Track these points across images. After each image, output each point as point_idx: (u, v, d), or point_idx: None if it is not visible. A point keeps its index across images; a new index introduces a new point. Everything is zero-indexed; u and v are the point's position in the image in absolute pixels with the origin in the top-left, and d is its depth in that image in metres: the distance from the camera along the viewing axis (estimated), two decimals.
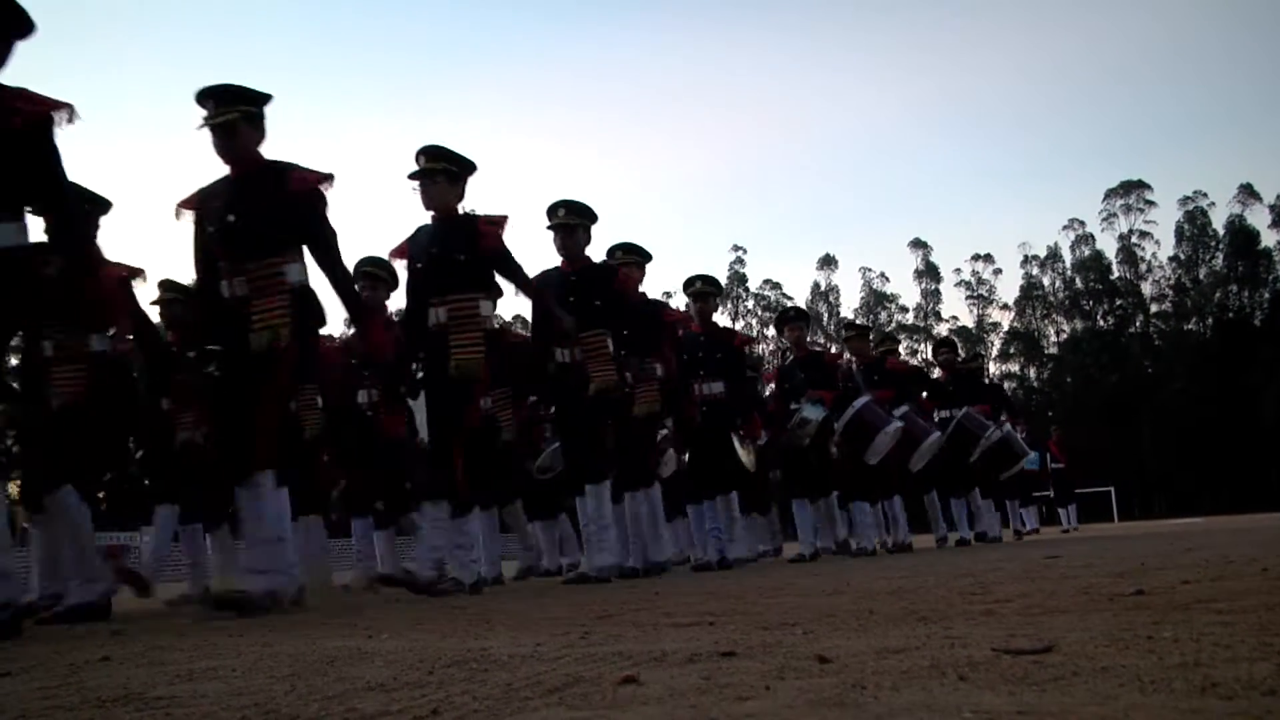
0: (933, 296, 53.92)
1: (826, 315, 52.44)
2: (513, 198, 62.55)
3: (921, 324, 53.58)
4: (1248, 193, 48.00)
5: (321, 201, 3.59)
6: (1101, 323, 49.59)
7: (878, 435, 7.09)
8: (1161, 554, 3.98)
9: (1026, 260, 52.70)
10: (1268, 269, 46.85)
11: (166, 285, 5.40)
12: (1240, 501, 33.62)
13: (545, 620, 2.41)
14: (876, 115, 69.56)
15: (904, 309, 54.18)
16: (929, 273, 53.85)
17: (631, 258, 5.70)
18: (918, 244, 54.02)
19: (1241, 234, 47.45)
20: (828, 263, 54.29)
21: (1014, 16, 67.77)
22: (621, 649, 1.63)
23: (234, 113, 3.54)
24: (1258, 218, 47.75)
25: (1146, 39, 65.15)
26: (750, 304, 53.17)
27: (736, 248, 53.71)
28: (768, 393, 8.21)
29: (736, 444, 5.87)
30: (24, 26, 2.87)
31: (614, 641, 1.78)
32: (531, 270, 4.65)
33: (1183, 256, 49.24)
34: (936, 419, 8.34)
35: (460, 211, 4.34)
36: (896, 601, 2.35)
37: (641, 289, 5.79)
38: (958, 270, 54.26)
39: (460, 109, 68.34)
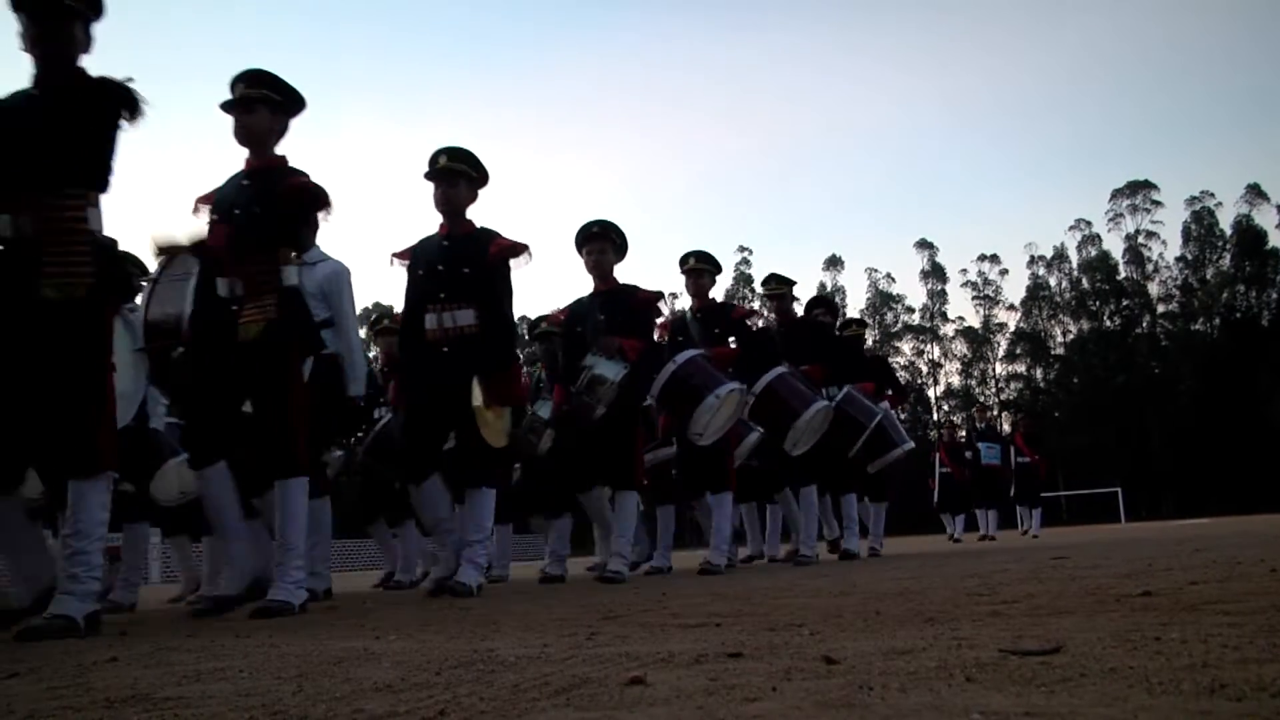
0: (939, 297, 53.91)
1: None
2: (515, 200, 62.61)
3: (928, 324, 53.54)
4: (1255, 192, 47.93)
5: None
6: (1108, 323, 49.50)
7: (701, 404, 4.93)
8: (1169, 555, 3.97)
9: (1033, 261, 52.73)
10: (1275, 269, 46.74)
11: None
12: (1248, 502, 33.53)
13: (552, 621, 2.41)
14: (882, 116, 69.54)
15: (910, 309, 54.17)
16: (935, 273, 53.84)
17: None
18: (924, 244, 54.04)
19: (1249, 234, 47.35)
20: (834, 263, 54.32)
21: (1019, 17, 67.68)
22: (628, 650, 1.64)
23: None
24: (1265, 217, 47.72)
25: (1152, 38, 65.04)
26: (756, 305, 53.27)
27: (742, 249, 53.79)
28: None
29: (477, 399, 3.93)
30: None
31: (621, 642, 1.78)
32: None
33: (1190, 257, 49.15)
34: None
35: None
36: (903, 602, 2.35)
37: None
38: (964, 271, 54.32)
39: (460, 110, 68.45)
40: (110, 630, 2.81)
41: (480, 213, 4.24)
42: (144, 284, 3.98)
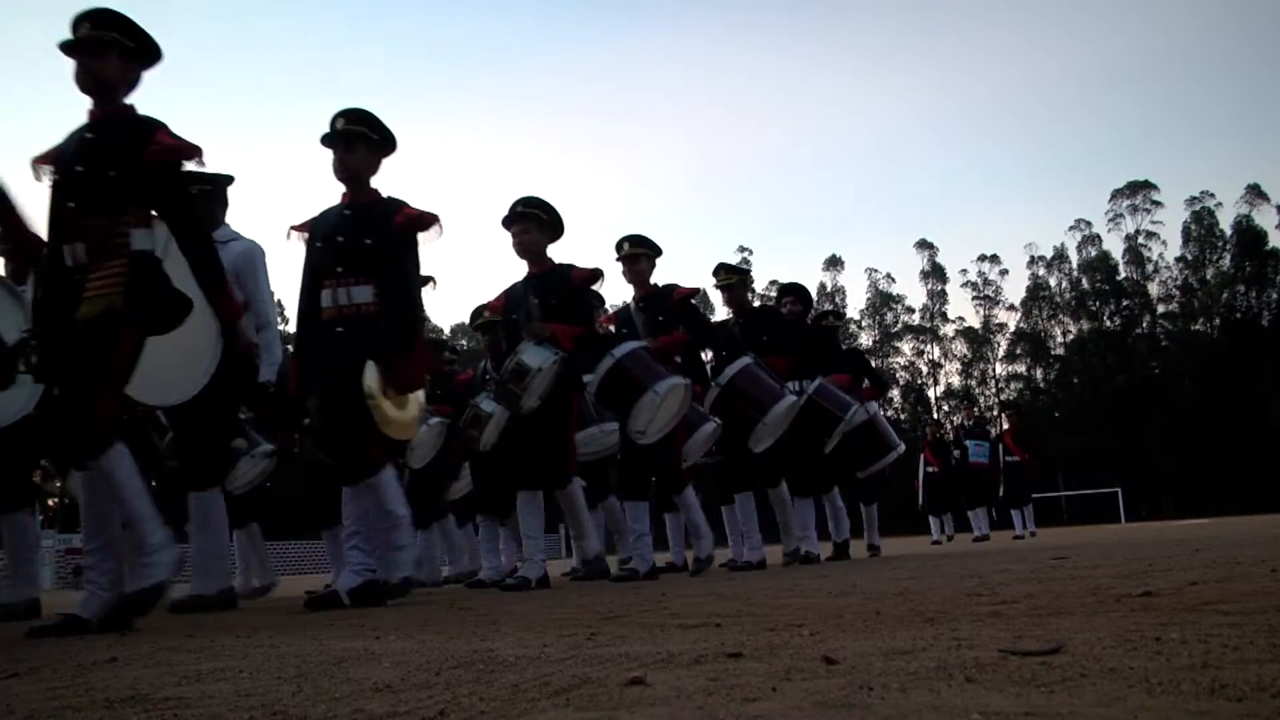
0: (939, 297, 53.97)
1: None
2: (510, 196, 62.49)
3: (928, 325, 53.55)
4: (1255, 193, 47.98)
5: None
6: (1108, 323, 49.54)
7: (643, 396, 4.55)
8: (1169, 555, 3.97)
9: (1033, 261, 52.80)
10: (1275, 269, 46.79)
11: None
12: (1249, 502, 33.56)
13: (552, 621, 2.41)
14: (883, 116, 69.59)
15: (910, 310, 54.20)
16: (935, 273, 53.90)
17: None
18: (924, 245, 54.10)
19: (1249, 234, 47.41)
20: (834, 264, 54.40)
21: (1020, 18, 67.71)
22: (628, 650, 1.63)
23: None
24: (1265, 218, 47.78)
25: (1153, 39, 65.08)
26: (756, 304, 53.14)
27: (742, 249, 53.85)
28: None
29: (369, 383, 3.50)
30: None
31: (621, 643, 1.78)
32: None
33: (1190, 257, 49.19)
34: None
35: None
36: (903, 603, 2.34)
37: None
38: (964, 271, 54.40)
39: (460, 109, 68.50)
40: (110, 630, 2.81)
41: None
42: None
